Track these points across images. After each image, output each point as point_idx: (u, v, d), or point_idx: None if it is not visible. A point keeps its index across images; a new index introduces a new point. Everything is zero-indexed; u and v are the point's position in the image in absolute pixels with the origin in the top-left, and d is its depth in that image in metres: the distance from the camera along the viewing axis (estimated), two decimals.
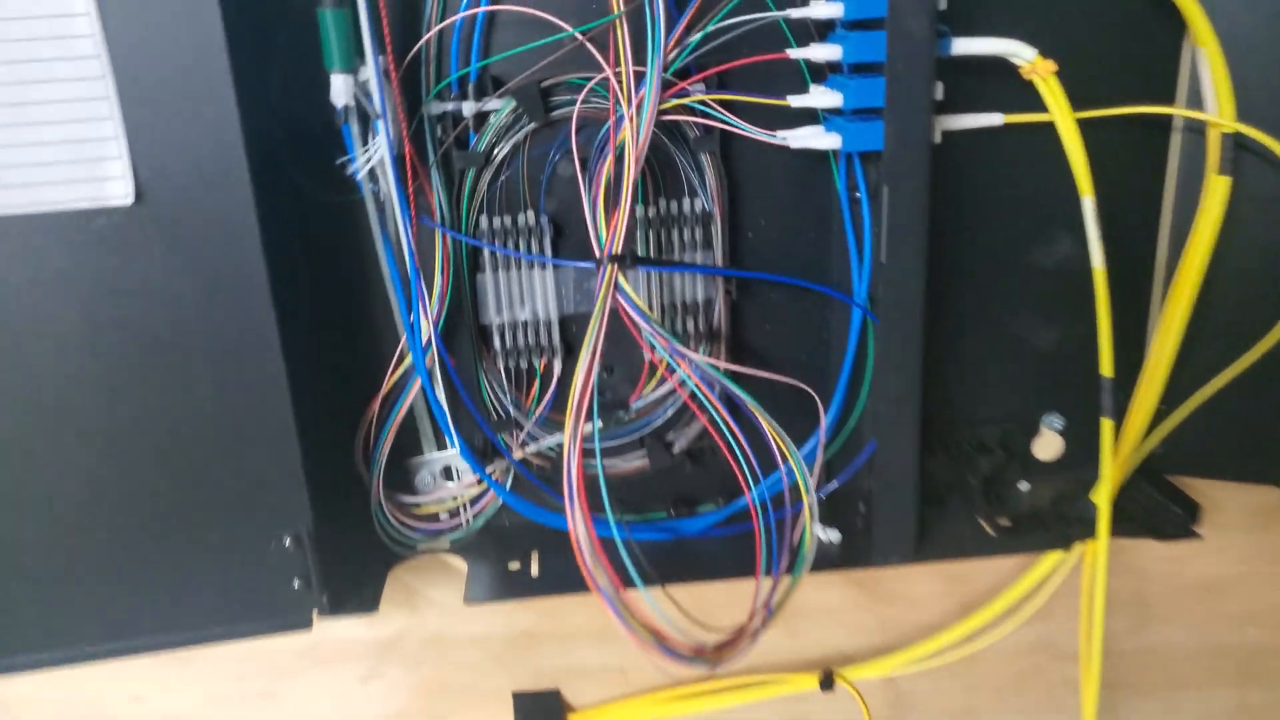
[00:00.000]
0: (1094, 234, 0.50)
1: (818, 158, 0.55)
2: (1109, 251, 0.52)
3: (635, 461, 0.62)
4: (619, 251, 0.48)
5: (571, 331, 0.59)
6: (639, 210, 0.55)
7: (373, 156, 0.50)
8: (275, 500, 0.52)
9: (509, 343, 0.58)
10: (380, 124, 0.48)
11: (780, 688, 0.64)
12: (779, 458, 0.51)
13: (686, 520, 0.62)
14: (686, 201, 0.56)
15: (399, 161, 0.51)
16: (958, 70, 0.51)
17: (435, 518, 0.63)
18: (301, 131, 0.51)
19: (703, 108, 0.52)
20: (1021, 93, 0.52)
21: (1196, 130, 0.55)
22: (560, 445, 0.61)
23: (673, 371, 0.56)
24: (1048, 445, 0.64)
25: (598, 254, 0.49)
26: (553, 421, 0.61)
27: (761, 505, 0.52)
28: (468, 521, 0.63)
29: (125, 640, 0.54)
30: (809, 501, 0.52)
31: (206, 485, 0.51)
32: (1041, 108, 0.52)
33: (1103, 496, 0.55)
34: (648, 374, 0.60)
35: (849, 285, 0.57)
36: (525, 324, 0.58)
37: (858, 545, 0.59)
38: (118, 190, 0.45)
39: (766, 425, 0.51)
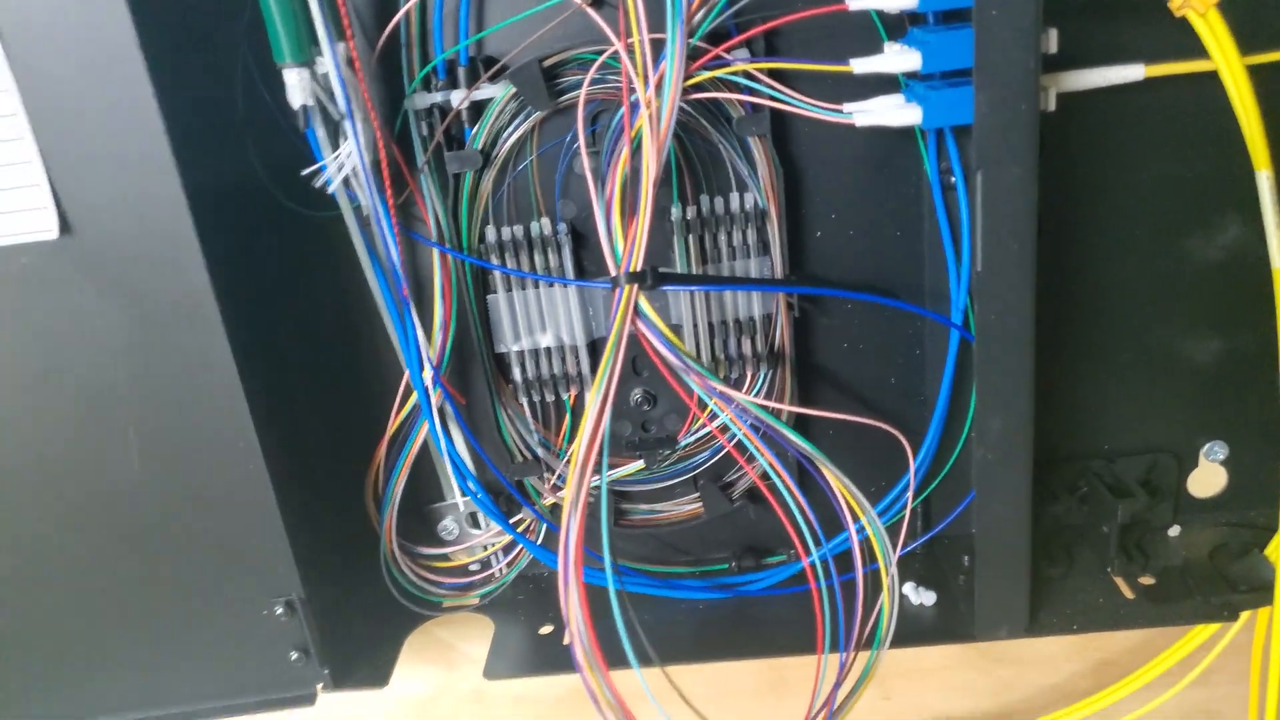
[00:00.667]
0: (1273, 219, 0.37)
1: (900, 135, 0.44)
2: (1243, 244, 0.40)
3: (687, 506, 0.53)
4: (638, 268, 0.39)
5: None
6: (676, 212, 0.45)
7: (344, 164, 0.42)
8: (258, 564, 0.45)
9: (530, 373, 0.49)
10: (347, 125, 0.40)
11: None
12: (846, 514, 0.41)
13: (750, 576, 0.53)
14: (735, 197, 0.46)
15: (376, 168, 0.42)
16: (1078, 11, 0.39)
17: (463, 570, 0.55)
18: (276, 142, 0.43)
19: (745, 81, 0.42)
20: (1163, 38, 0.39)
21: None
22: (598, 487, 0.52)
23: (713, 415, 0.47)
24: (1208, 480, 0.52)
25: (612, 271, 0.39)
26: None
27: (824, 565, 0.42)
28: (500, 573, 0.55)
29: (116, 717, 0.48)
30: (887, 571, 0.41)
31: (180, 553, 0.45)
32: (1194, 54, 0.40)
33: None
34: (698, 405, 0.50)
35: (945, 294, 0.46)
36: (549, 350, 0.49)
37: (959, 609, 0.48)
38: (41, 223, 0.38)
39: (834, 480, 0.41)
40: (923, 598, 0.49)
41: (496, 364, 0.50)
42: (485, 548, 0.55)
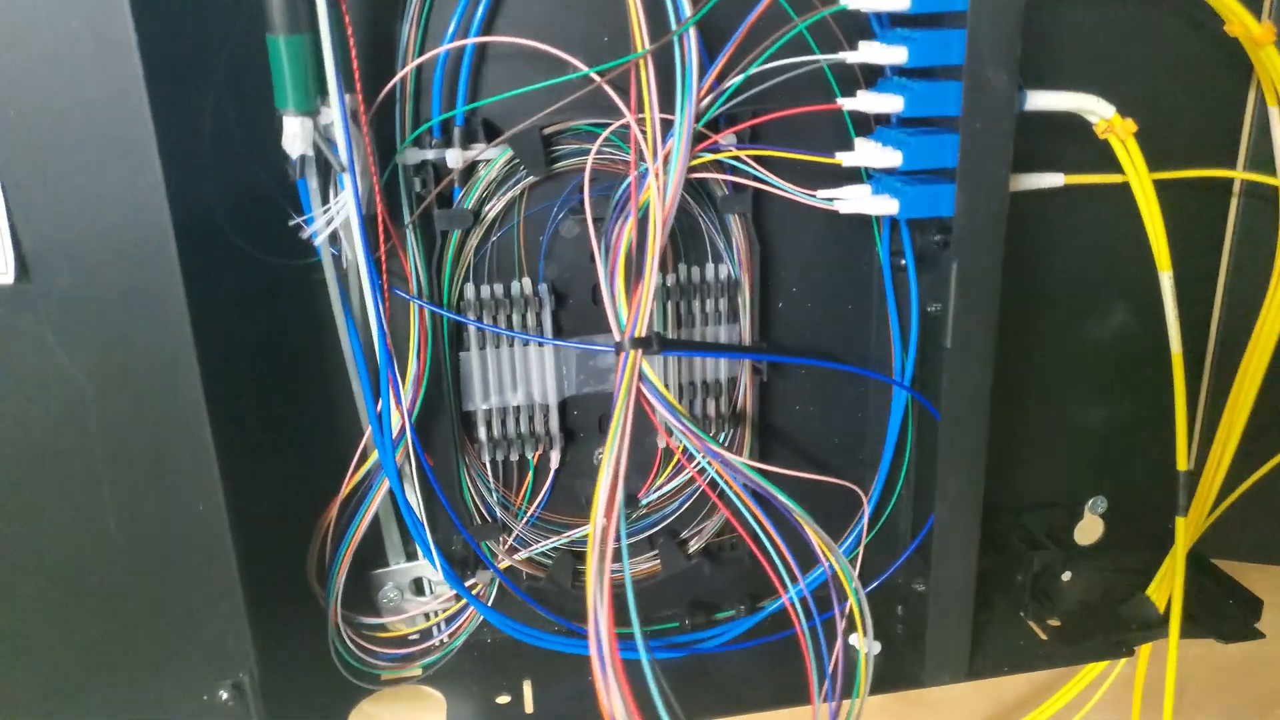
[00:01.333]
0: (1173, 313, 0.45)
1: (857, 221, 0.49)
2: (1152, 325, 0.48)
3: (644, 564, 0.54)
4: (643, 334, 0.41)
5: (572, 416, 0.51)
6: (657, 277, 0.48)
7: (335, 216, 0.41)
8: (211, 640, 0.42)
9: (497, 432, 0.50)
10: (345, 178, 0.40)
11: None
12: (821, 555, 0.44)
13: (702, 633, 0.55)
14: (710, 268, 0.49)
15: (369, 223, 0.42)
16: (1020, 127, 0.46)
17: (402, 640, 0.54)
18: (245, 184, 0.42)
19: (737, 163, 0.45)
20: (1078, 151, 0.47)
21: (1259, 195, 0.51)
22: (556, 549, 0.52)
23: (691, 458, 0.49)
24: (1090, 529, 0.59)
25: (617, 337, 0.41)
26: (546, 523, 0.53)
27: (802, 604, 0.45)
28: (443, 642, 0.54)
29: None
30: (859, 609, 0.45)
31: (128, 625, 0.42)
32: (1096, 168, 0.47)
33: (1175, 600, 0.49)
34: (661, 462, 0.52)
35: (888, 365, 0.51)
36: (517, 409, 0.50)
37: (900, 657, 0.53)
38: None
39: (808, 528, 0.44)
40: (869, 646, 0.53)
41: (463, 423, 0.49)
42: (428, 616, 0.54)
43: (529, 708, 0.50)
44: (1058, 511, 0.57)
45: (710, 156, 0.44)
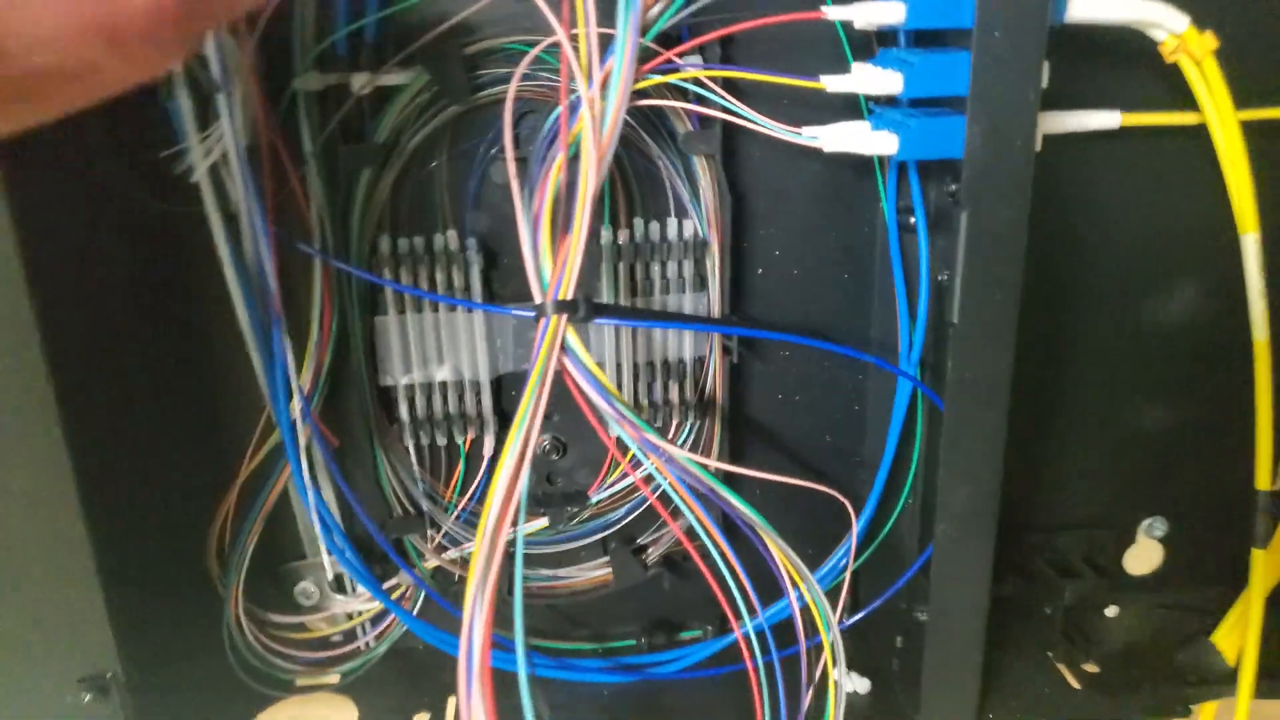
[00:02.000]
0: (1258, 289, 0.36)
1: (859, 166, 0.41)
2: (1230, 305, 0.39)
3: (594, 572, 0.48)
4: (569, 296, 0.34)
5: (510, 395, 0.44)
6: (607, 236, 0.41)
7: (213, 148, 0.35)
8: (67, 632, 0.37)
9: (420, 412, 0.43)
10: (222, 100, 0.34)
11: None
12: (787, 582, 0.37)
13: (662, 655, 0.47)
14: (673, 224, 0.41)
15: (253, 155, 0.36)
16: (1060, 49, 0.37)
17: (323, 642, 0.48)
18: (118, 109, 0.36)
19: (698, 89, 0.37)
20: (1138, 81, 0.38)
21: None
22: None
23: (636, 464, 0.42)
24: (1145, 557, 0.50)
25: (538, 298, 0.34)
26: (477, 518, 0.46)
27: (759, 638, 0.38)
28: (367, 646, 0.48)
29: None
30: (831, 646, 0.37)
31: None
32: (1161, 104, 0.38)
33: (1248, 650, 0.40)
34: (615, 454, 0.45)
35: (894, 348, 0.43)
36: (444, 386, 0.43)
37: (895, 697, 0.45)
38: None
39: (773, 546, 0.36)
40: (855, 684, 0.45)
41: (380, 399, 0.43)
42: (350, 616, 0.48)
43: None
44: (1102, 533, 0.48)
45: (663, 78, 0.37)
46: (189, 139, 0.35)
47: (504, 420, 0.44)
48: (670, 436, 0.45)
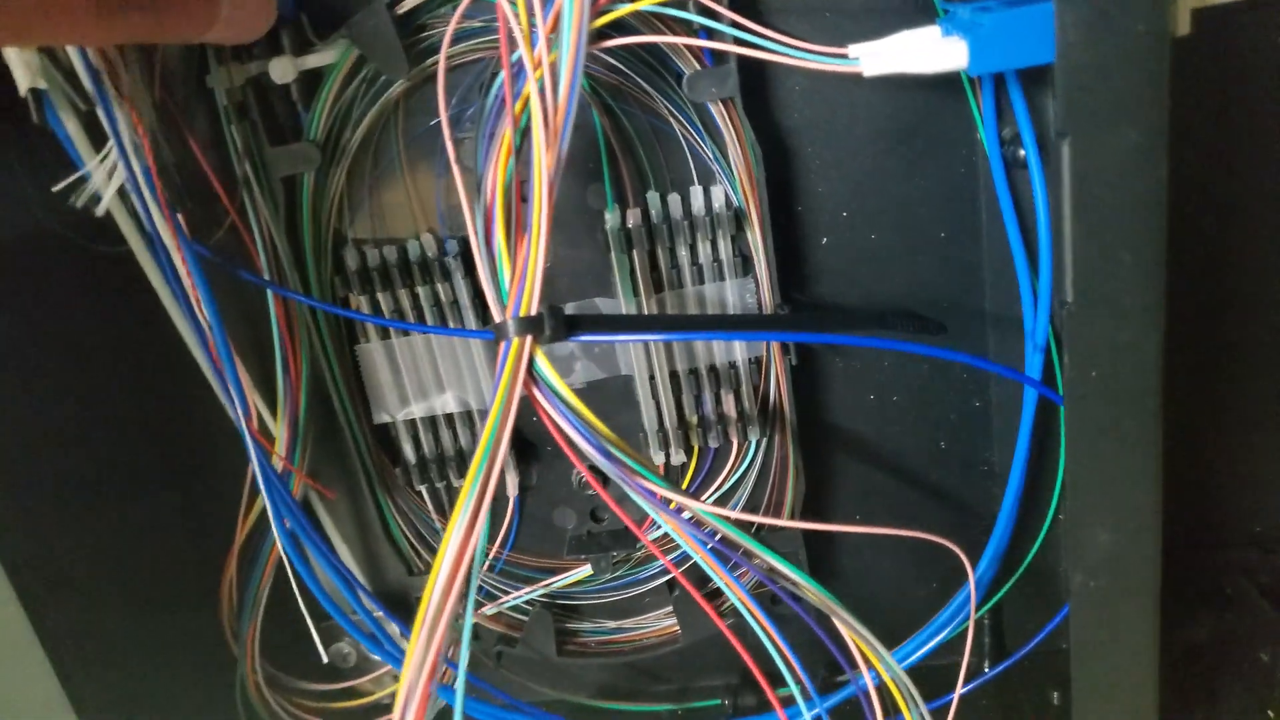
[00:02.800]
0: None
1: (938, 90, 0.31)
2: None
3: (663, 621, 0.40)
4: (532, 310, 0.27)
5: (530, 423, 0.37)
6: (613, 218, 0.33)
7: (113, 172, 0.30)
8: None
9: (428, 450, 0.37)
10: (102, 114, 0.28)
11: None
12: (860, 662, 0.28)
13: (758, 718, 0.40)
14: (698, 194, 0.33)
15: (170, 173, 0.30)
16: None
17: (375, 708, 0.43)
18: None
19: (700, 19, 0.29)
20: None
21: None
22: (533, 602, 0.40)
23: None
24: None
25: (497, 316, 0.27)
26: (518, 568, 0.40)
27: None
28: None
29: None
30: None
31: None
32: None
33: None
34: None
35: (1016, 320, 0.33)
36: (450, 419, 0.37)
37: None
38: None
39: (843, 624, 0.28)
40: None
41: (378, 440, 0.37)
42: (396, 677, 0.43)
43: None
44: None
45: (631, 6, 0.28)
46: (87, 164, 0.30)
47: (526, 451, 0.38)
48: (733, 460, 0.37)
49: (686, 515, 0.28)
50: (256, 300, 0.35)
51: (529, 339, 0.27)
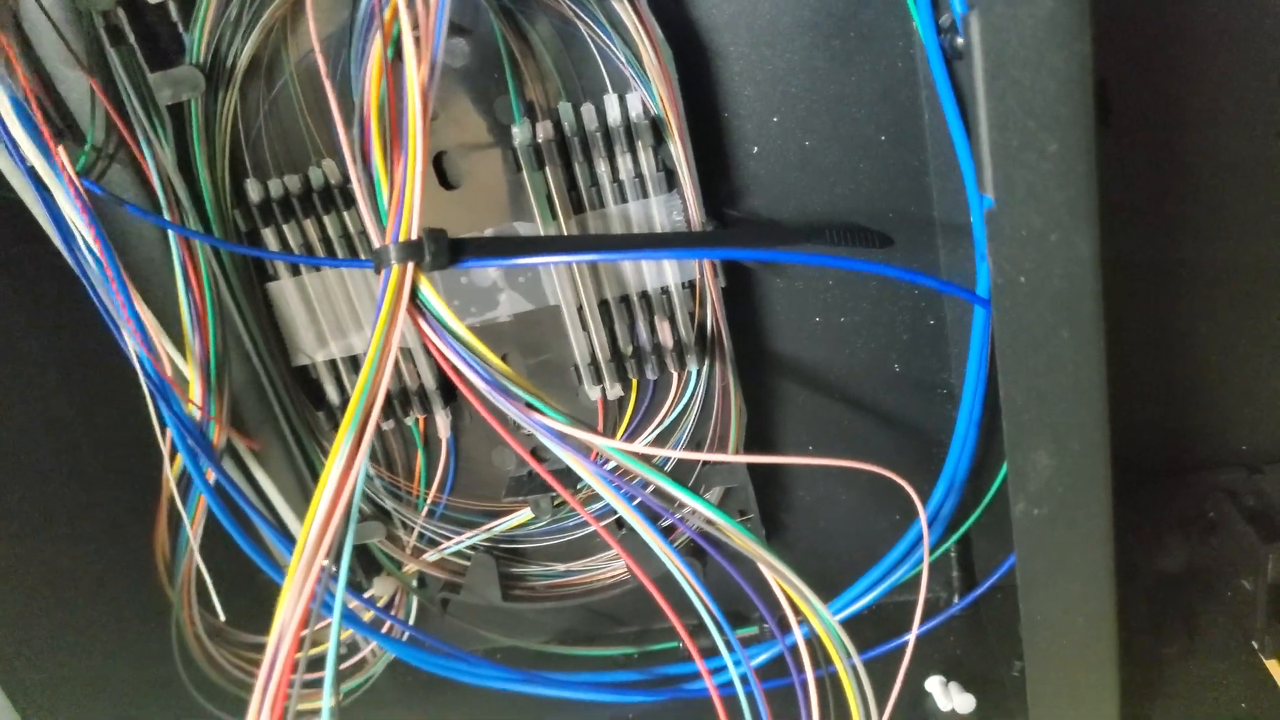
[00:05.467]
0: None
1: None
2: None
3: (611, 565, 0.39)
4: (412, 235, 0.25)
5: None
6: (521, 132, 0.31)
7: None
8: None
9: (351, 392, 0.36)
10: None
11: None
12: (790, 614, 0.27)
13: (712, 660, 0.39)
14: (613, 102, 0.31)
15: (42, 107, 0.29)
16: None
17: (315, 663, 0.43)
18: None
19: None
20: None
21: None
22: (475, 547, 0.39)
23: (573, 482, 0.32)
24: None
25: (376, 242, 0.25)
26: (458, 511, 0.39)
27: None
28: (373, 655, 0.43)
29: None
30: (852, 674, 0.27)
31: None
32: None
33: None
34: (604, 415, 0.36)
35: (965, 227, 0.31)
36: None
37: (1013, 718, 0.34)
38: None
39: (776, 579, 0.27)
40: (955, 700, 0.34)
41: (301, 384, 0.36)
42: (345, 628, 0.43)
43: None
44: None
45: None
46: None
47: (452, 392, 0.36)
48: (674, 393, 0.36)
49: (600, 458, 0.27)
50: (159, 242, 0.34)
51: (410, 266, 0.25)
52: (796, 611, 0.28)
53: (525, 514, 0.38)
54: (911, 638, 0.32)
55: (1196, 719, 0.31)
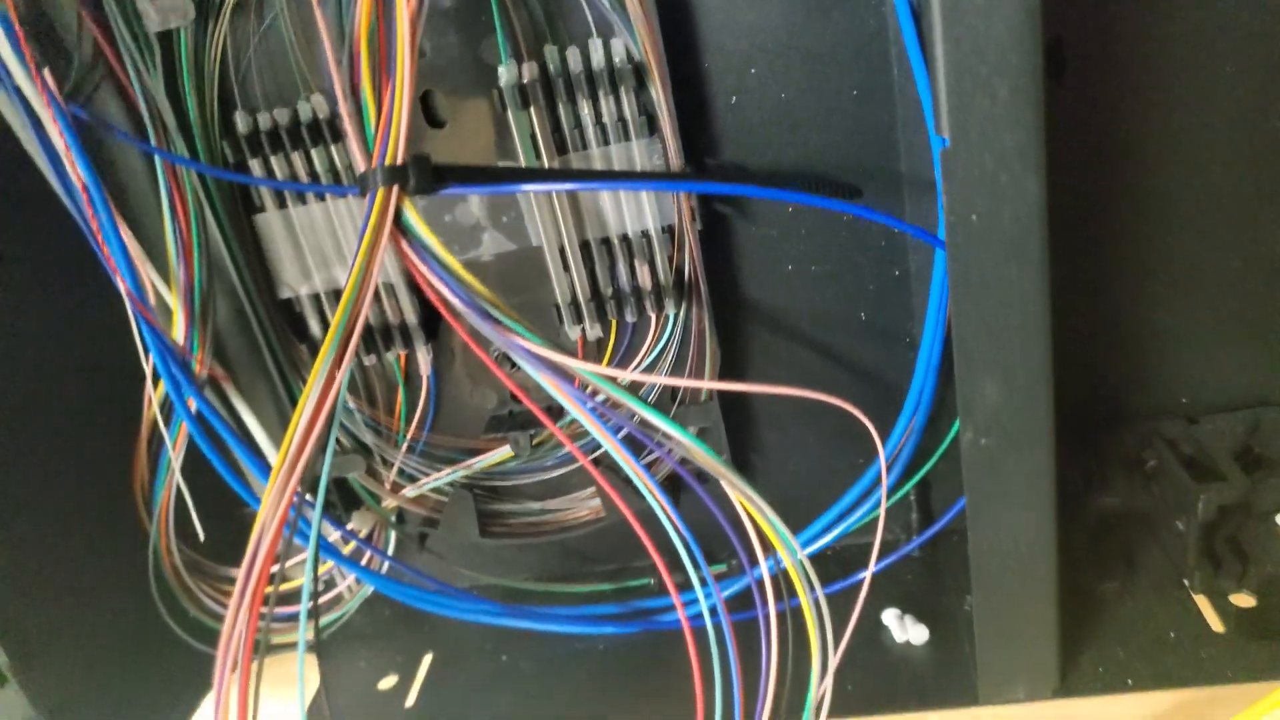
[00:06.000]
0: None
1: None
2: None
3: (590, 502, 0.41)
4: (398, 159, 0.27)
5: None
6: (507, 74, 0.32)
7: None
8: None
9: None
10: None
11: None
12: (758, 548, 0.29)
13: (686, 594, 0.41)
14: (597, 46, 0.32)
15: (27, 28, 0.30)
16: None
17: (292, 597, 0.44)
18: None
19: None
20: None
21: None
22: (453, 485, 0.40)
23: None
24: None
25: (360, 166, 0.27)
26: (437, 449, 0.40)
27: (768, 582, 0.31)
28: (349, 590, 0.44)
29: None
30: (813, 612, 0.29)
31: None
32: None
33: None
34: (583, 355, 0.38)
35: (932, 180, 0.33)
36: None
37: (964, 648, 0.36)
38: None
39: (741, 502, 0.28)
40: (910, 632, 0.36)
41: (286, 317, 0.37)
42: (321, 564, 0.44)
43: (410, 699, 0.39)
44: (1265, 413, 0.37)
45: None
46: None
47: (433, 329, 0.38)
48: (651, 335, 0.37)
49: (586, 387, 0.29)
50: (147, 172, 0.35)
51: (395, 189, 0.27)
52: (765, 545, 0.30)
53: (504, 451, 0.39)
54: (868, 574, 0.34)
55: (1129, 648, 0.34)
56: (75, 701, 0.37)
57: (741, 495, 0.29)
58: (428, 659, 0.41)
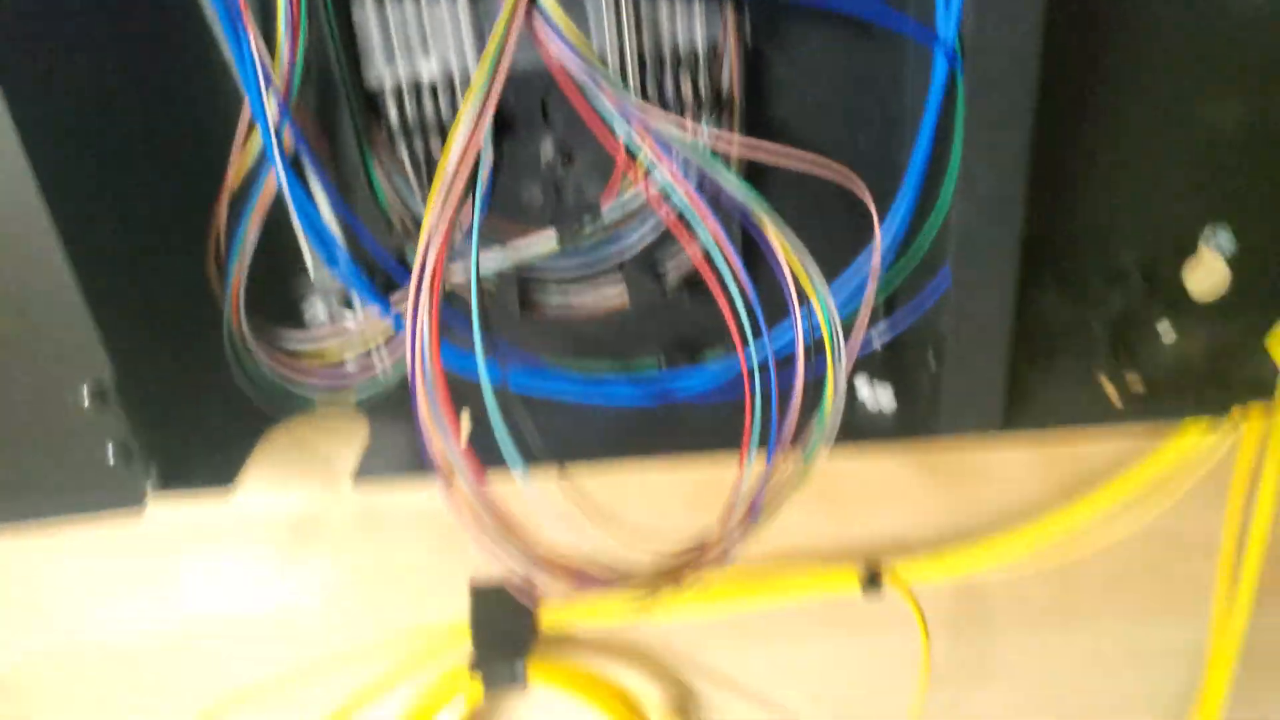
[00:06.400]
0: None
1: None
2: None
3: (611, 297, 0.48)
4: None
5: (504, 99, 0.43)
6: None
7: None
8: (55, 340, 0.39)
9: (411, 115, 0.43)
10: None
11: (810, 586, 0.53)
12: (793, 295, 0.37)
13: (677, 376, 0.48)
14: None
15: None
16: None
17: (340, 365, 0.50)
18: None
19: None
20: None
21: None
22: (501, 271, 0.46)
23: (648, 171, 0.41)
24: (1207, 275, 0.48)
25: None
26: (487, 235, 0.46)
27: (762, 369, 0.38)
28: (385, 371, 0.50)
29: None
30: (835, 350, 0.37)
31: None
32: None
33: None
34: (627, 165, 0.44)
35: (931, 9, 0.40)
36: (433, 87, 0.42)
37: (922, 411, 0.45)
38: None
39: (777, 239, 0.36)
40: (879, 396, 0.45)
41: (368, 103, 0.43)
42: (364, 338, 0.50)
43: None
44: (1159, 244, 0.47)
45: None
46: None
47: (502, 125, 0.44)
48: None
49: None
50: None
51: None
52: (802, 298, 0.37)
53: (547, 242, 0.46)
54: (837, 344, 0.42)
55: (1039, 404, 0.43)
56: (164, 425, 0.42)
57: (786, 243, 0.36)
58: (465, 412, 0.47)
